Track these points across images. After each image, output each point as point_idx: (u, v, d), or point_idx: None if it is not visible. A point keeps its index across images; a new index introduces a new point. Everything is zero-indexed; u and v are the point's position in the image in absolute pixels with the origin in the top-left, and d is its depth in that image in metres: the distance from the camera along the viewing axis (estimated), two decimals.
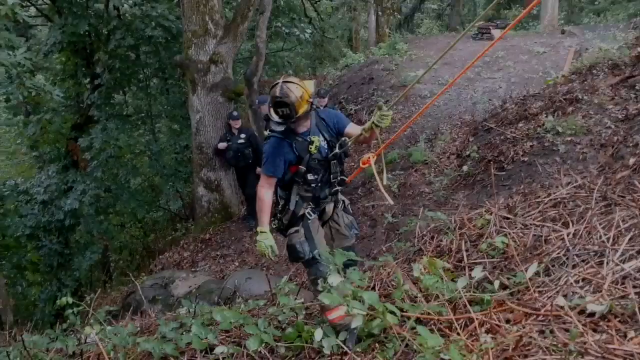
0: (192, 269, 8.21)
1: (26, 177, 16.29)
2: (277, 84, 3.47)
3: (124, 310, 6.38)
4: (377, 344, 2.77)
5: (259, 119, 9.25)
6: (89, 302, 4.20)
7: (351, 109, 12.65)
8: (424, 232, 4.49)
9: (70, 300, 3.93)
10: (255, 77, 10.54)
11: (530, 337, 2.21)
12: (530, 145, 6.53)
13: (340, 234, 3.86)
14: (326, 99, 8.84)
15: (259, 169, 8.74)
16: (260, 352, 2.80)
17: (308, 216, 3.72)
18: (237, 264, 7.98)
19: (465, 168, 7.45)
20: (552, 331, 2.22)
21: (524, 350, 2.14)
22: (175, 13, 12.09)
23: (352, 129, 3.77)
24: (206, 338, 2.64)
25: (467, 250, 3.62)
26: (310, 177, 3.68)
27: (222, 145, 8.73)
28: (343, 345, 2.59)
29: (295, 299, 3.60)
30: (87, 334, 3.51)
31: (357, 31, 23.77)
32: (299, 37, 15.77)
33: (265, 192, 3.67)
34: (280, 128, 3.59)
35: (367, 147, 9.06)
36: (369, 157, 3.79)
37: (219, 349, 2.59)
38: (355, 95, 13.10)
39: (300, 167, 3.63)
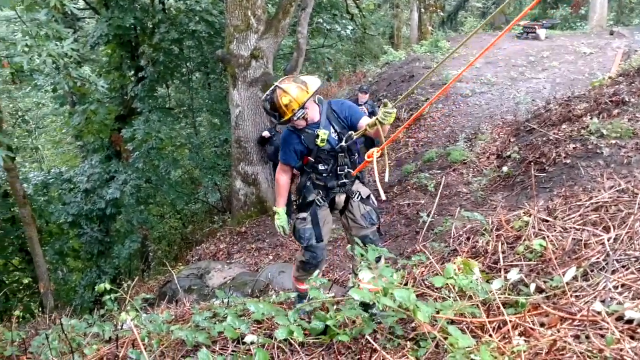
0: (228, 261, 8.31)
1: (70, 166, 16.78)
2: (273, 86, 3.61)
3: (160, 298, 6.50)
4: (407, 342, 2.75)
5: None
6: (126, 289, 4.31)
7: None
8: (460, 233, 4.43)
9: (108, 286, 4.03)
10: (295, 72, 10.60)
11: (565, 341, 2.16)
12: (573, 147, 6.38)
13: (356, 223, 3.90)
14: (367, 95, 8.82)
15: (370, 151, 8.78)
16: (290, 344, 2.82)
17: (318, 202, 3.88)
18: (271, 257, 8.03)
19: (505, 169, 7.33)
20: (587, 337, 2.17)
21: (558, 355, 2.10)
22: (219, 8, 12.23)
23: (366, 121, 3.72)
24: (239, 328, 2.67)
25: (503, 252, 3.56)
26: (320, 167, 3.80)
27: (267, 133, 8.83)
28: (371, 340, 2.58)
29: (327, 293, 3.61)
30: (123, 320, 3.59)
31: (399, 28, 23.60)
32: (340, 34, 15.75)
33: (282, 177, 3.96)
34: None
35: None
36: (372, 152, 3.71)
37: (248, 338, 2.63)
38: (394, 92, 13.03)
39: (310, 157, 3.76)
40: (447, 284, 2.97)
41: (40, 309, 9.16)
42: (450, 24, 26.22)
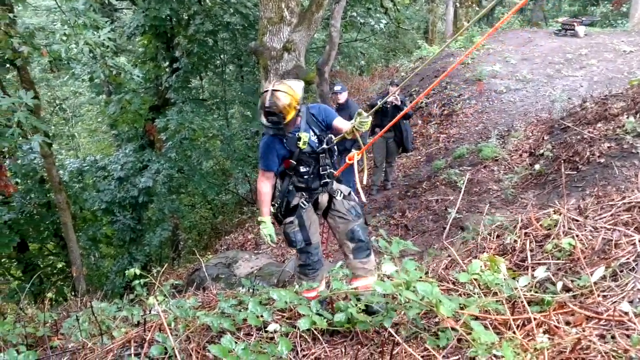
0: (255, 251, 8.38)
1: (105, 154, 17.10)
2: (267, 91, 3.68)
3: (188, 285, 6.61)
4: (429, 336, 2.75)
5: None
6: (155, 275, 4.39)
7: (422, 102, 12.49)
8: (488, 230, 4.39)
9: (138, 271, 4.12)
10: (327, 66, 10.59)
11: (590, 340, 2.13)
12: (608, 147, 6.24)
13: (342, 218, 4.05)
14: (398, 89, 8.75)
15: (351, 154, 8.78)
16: (312, 333, 2.84)
17: (302, 206, 4.02)
18: None
19: (537, 167, 7.21)
20: (613, 337, 2.13)
21: (582, 354, 2.07)
22: (254, 0, 12.29)
23: (339, 122, 3.96)
24: (262, 315, 2.71)
25: (531, 250, 3.51)
26: (302, 169, 3.95)
27: None
28: (393, 332, 2.58)
29: (350, 283, 3.63)
30: (151, 305, 3.66)
31: (434, 23, 23.34)
32: (374, 28, 15.68)
33: (264, 185, 4.04)
34: (271, 132, 3.86)
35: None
36: (353, 154, 4.04)
37: (271, 327, 2.66)
38: (426, 88, 12.91)
39: (291, 160, 3.92)
40: (472, 280, 2.96)
41: (72, 293, 9.37)
42: (487, 20, 25.80)
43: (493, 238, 4.14)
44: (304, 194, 4.03)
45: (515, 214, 4.36)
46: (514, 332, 2.40)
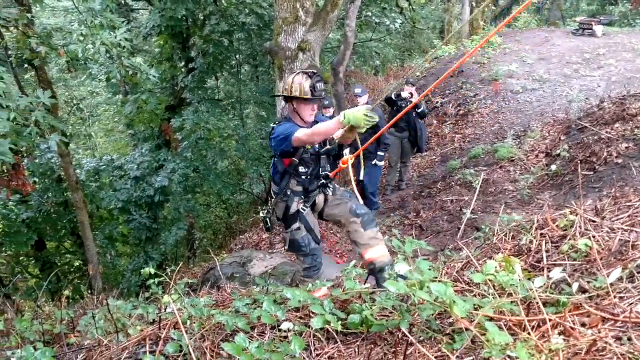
0: (269, 250, 8.40)
1: (121, 154, 17.25)
2: (303, 72, 4.03)
3: (203, 284, 6.64)
4: (444, 337, 2.74)
5: (342, 108, 9.30)
6: (170, 274, 4.43)
7: (437, 102, 12.44)
8: (503, 230, 4.35)
9: (152, 270, 4.16)
10: (342, 66, 10.60)
11: (606, 342, 2.11)
12: (626, 147, 6.17)
13: (341, 203, 4.29)
14: (413, 88, 8.73)
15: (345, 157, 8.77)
16: (325, 333, 2.84)
17: (302, 210, 4.18)
18: None
19: (553, 167, 7.15)
20: (629, 338, 2.11)
21: (597, 355, 2.05)
22: (269, 0, 12.32)
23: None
24: (275, 314, 2.71)
25: (547, 251, 3.48)
26: (301, 169, 4.08)
27: None
28: (407, 332, 2.57)
29: (365, 283, 3.63)
30: (166, 303, 3.69)
31: (450, 23, 23.21)
32: (389, 28, 15.63)
33: (305, 132, 3.83)
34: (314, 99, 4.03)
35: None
36: (347, 158, 4.27)
37: (285, 325, 2.66)
38: (442, 87, 12.86)
39: (294, 159, 4.04)
40: (487, 280, 2.94)
41: (89, 291, 9.47)
42: (503, 19, 25.62)
43: (508, 239, 4.10)
44: (302, 197, 4.16)
45: (531, 214, 4.32)
46: (529, 333, 2.38)
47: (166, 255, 13.33)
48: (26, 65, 11.54)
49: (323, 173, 4.20)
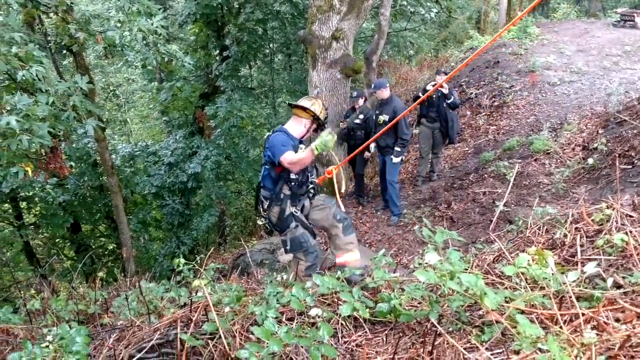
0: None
1: (156, 140, 17.51)
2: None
3: (233, 270, 6.72)
4: (473, 329, 2.71)
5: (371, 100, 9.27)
6: (198, 261, 4.53)
7: (472, 93, 12.26)
8: (537, 223, 4.28)
9: (183, 261, 4.26)
10: (375, 55, 10.52)
11: None
12: None
13: (324, 208, 4.73)
14: (444, 77, 8.62)
15: (367, 153, 8.75)
16: (353, 321, 2.84)
17: (295, 212, 4.53)
18: None
19: (590, 161, 6.99)
20: None
21: (631, 351, 2.01)
22: None
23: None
24: (304, 300, 2.73)
25: (581, 246, 3.41)
26: (292, 176, 4.42)
27: (342, 124, 8.84)
28: (435, 323, 2.56)
29: (394, 272, 3.61)
30: (197, 287, 3.74)
31: (487, 13, 22.81)
32: (424, 17, 15.45)
33: (292, 156, 4.30)
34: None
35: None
36: (332, 169, 4.87)
37: (313, 311, 2.67)
38: (477, 79, 12.67)
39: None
40: (518, 273, 2.90)
41: (122, 274, 9.67)
42: (542, 10, 25.05)
43: (542, 232, 4.04)
44: (292, 201, 4.50)
45: (566, 208, 4.24)
46: (561, 327, 2.34)
47: (197, 240, 13.52)
48: (65, 52, 11.77)
49: (310, 180, 4.62)
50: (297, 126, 4.66)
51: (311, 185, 4.66)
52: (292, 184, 4.44)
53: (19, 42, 5.66)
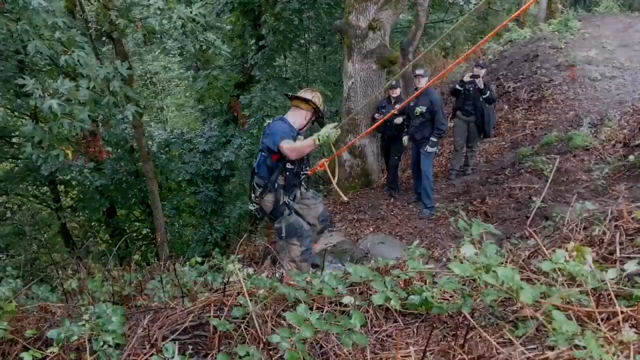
0: (329, 229, 8.44)
1: (191, 128, 17.71)
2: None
3: (264, 258, 6.77)
4: (507, 324, 2.68)
5: (409, 89, 9.18)
6: (230, 249, 4.61)
7: (509, 87, 12.05)
8: (575, 220, 4.19)
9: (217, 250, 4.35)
10: (412, 46, 10.43)
11: None
12: None
13: (313, 204, 4.85)
14: (484, 70, 8.50)
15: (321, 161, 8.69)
16: (384, 312, 2.84)
17: (288, 203, 4.61)
18: (371, 229, 8.04)
19: (632, 158, 6.82)
20: None
21: None
22: None
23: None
24: (337, 287, 2.74)
25: (621, 244, 3.33)
26: (288, 166, 4.48)
27: (378, 115, 8.75)
28: (468, 316, 2.53)
29: (426, 263, 3.59)
30: (230, 272, 3.78)
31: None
32: (463, 8, 15.21)
33: (291, 145, 4.35)
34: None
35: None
36: (323, 162, 4.97)
37: (346, 299, 2.68)
38: (515, 72, 12.44)
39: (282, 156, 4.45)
40: (555, 269, 2.84)
41: (155, 259, 9.82)
42: (584, 3, 24.40)
43: (580, 229, 3.95)
44: (285, 191, 4.58)
45: (605, 205, 4.13)
46: (598, 325, 2.30)
47: (229, 228, 13.66)
48: (104, 39, 11.96)
49: (304, 171, 4.68)
50: (297, 117, 4.71)
51: (304, 176, 4.75)
52: (287, 173, 4.51)
53: (62, 27, 5.78)
